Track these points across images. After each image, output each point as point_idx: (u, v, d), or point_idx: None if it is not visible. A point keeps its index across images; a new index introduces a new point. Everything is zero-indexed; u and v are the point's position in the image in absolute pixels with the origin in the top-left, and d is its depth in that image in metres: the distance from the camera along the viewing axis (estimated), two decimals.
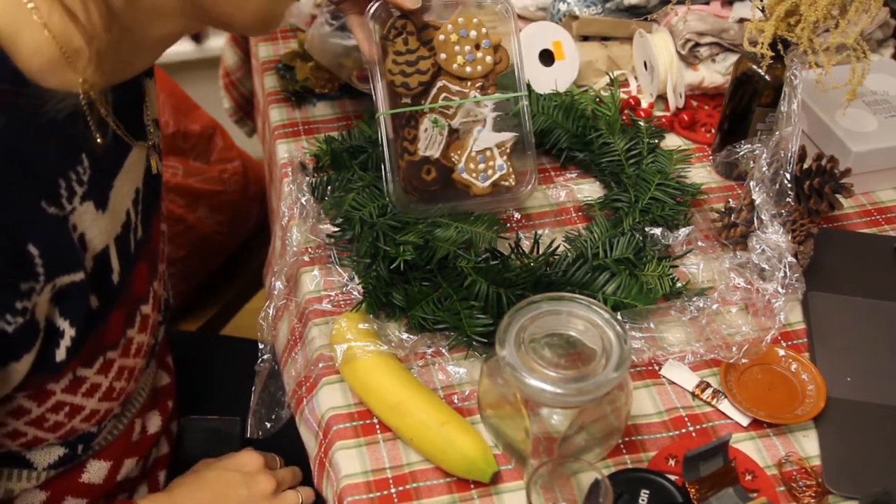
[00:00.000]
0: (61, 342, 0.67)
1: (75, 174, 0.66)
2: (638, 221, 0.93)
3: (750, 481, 0.76)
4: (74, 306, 0.67)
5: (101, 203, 0.69)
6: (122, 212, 0.73)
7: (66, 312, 0.66)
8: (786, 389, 0.83)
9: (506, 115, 0.91)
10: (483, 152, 0.91)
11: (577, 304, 0.74)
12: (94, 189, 0.68)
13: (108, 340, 0.73)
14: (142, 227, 0.78)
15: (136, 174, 0.76)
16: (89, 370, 0.72)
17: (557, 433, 0.73)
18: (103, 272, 0.71)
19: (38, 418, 0.71)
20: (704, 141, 1.12)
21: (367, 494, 0.75)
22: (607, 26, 1.21)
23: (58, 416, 0.72)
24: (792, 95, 0.91)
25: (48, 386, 0.70)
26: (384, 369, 0.80)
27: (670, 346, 0.86)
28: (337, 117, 1.15)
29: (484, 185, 0.91)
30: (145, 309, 0.80)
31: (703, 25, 1.14)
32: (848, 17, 0.86)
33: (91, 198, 0.67)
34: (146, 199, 0.79)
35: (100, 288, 0.70)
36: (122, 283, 0.74)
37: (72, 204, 0.65)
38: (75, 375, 0.71)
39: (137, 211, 0.76)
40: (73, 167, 0.66)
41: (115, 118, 0.71)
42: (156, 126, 0.84)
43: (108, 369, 0.74)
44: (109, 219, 0.70)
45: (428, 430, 0.76)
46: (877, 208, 1.04)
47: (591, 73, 1.19)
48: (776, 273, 0.88)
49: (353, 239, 0.92)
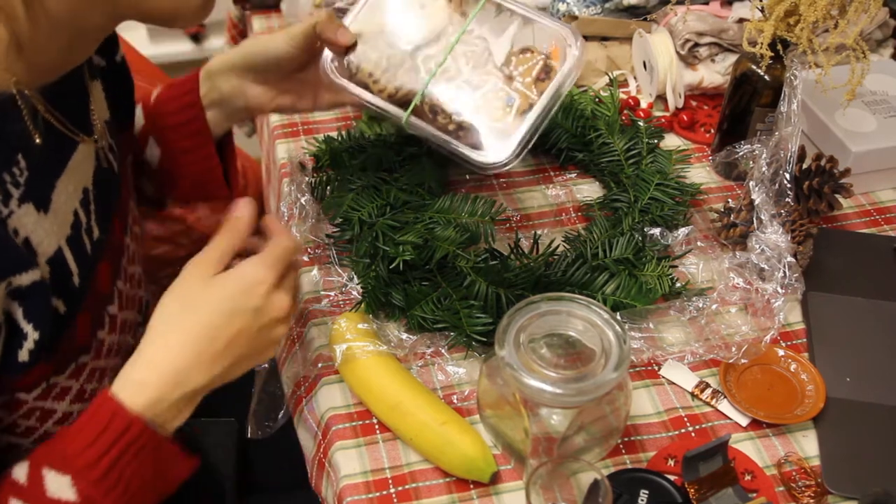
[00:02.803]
0: (24, 343, 0.65)
1: (10, 176, 0.63)
2: (637, 221, 0.93)
3: (749, 481, 0.76)
4: (37, 309, 0.65)
5: (41, 204, 0.66)
6: (69, 212, 0.70)
7: (28, 315, 0.65)
8: (785, 390, 0.83)
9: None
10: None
11: (576, 304, 0.74)
12: (33, 190, 0.65)
13: (77, 344, 0.72)
14: (98, 226, 0.75)
15: (84, 173, 0.74)
16: (61, 377, 0.71)
17: (557, 433, 0.73)
18: (62, 275, 0.69)
19: (10, 425, 0.70)
20: (704, 141, 1.12)
21: (366, 494, 0.75)
22: (607, 26, 1.21)
23: (29, 422, 0.71)
24: (791, 96, 0.91)
25: (19, 395, 0.68)
26: (383, 369, 0.80)
27: (669, 347, 0.86)
28: (336, 117, 1.15)
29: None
30: (112, 309, 0.78)
31: (702, 25, 1.14)
32: (847, 17, 0.86)
33: (29, 199, 0.65)
34: (99, 197, 0.76)
35: (62, 292, 0.68)
36: (83, 284, 0.72)
37: (8, 207, 0.63)
38: (48, 384, 0.70)
39: (89, 211, 0.74)
40: (8, 168, 0.63)
41: (57, 115, 0.69)
42: (110, 127, 0.82)
43: (80, 373, 0.73)
44: (54, 220, 0.68)
45: (427, 430, 0.76)
46: (876, 208, 1.04)
47: (590, 74, 1.19)
48: (775, 273, 0.88)
49: (352, 239, 0.92)
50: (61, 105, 0.71)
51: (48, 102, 0.69)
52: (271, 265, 0.70)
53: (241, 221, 0.72)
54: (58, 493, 0.63)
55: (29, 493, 0.64)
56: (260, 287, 0.69)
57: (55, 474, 0.64)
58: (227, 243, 0.71)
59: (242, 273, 0.69)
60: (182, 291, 0.69)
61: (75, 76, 0.73)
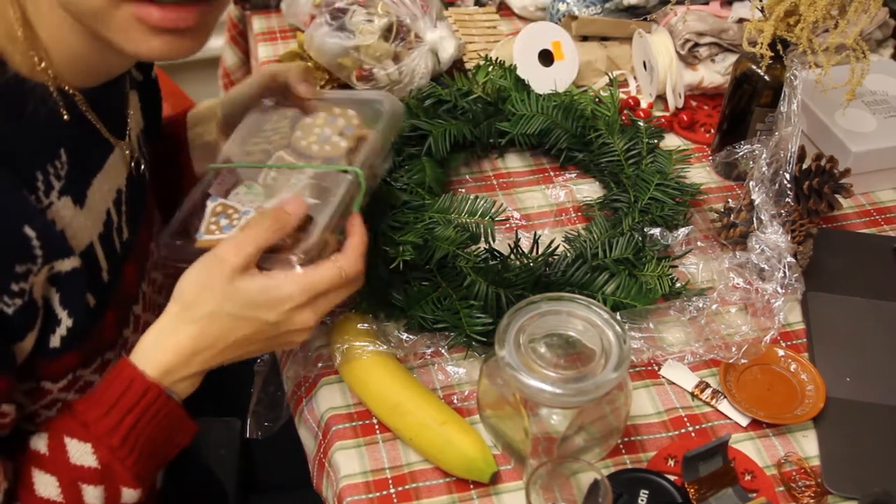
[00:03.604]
0: (57, 329, 0.67)
1: (53, 168, 0.66)
2: (637, 221, 0.93)
3: (749, 481, 0.76)
4: (73, 297, 0.67)
5: (78, 199, 0.69)
6: (103, 210, 0.73)
7: (64, 302, 0.67)
8: (785, 390, 0.83)
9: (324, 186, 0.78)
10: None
11: (576, 304, 0.74)
12: (72, 185, 0.68)
13: (105, 339, 0.74)
14: (127, 228, 0.77)
15: (118, 175, 0.76)
16: (87, 370, 0.73)
17: (557, 433, 0.73)
18: (94, 269, 0.71)
19: (30, 414, 0.71)
20: (704, 141, 1.12)
21: (366, 494, 0.75)
22: (607, 26, 1.21)
23: (50, 412, 0.72)
24: (791, 96, 0.91)
25: (45, 384, 0.70)
26: (383, 369, 0.80)
27: (669, 347, 0.86)
28: None
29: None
30: (137, 309, 0.80)
31: (702, 26, 1.14)
32: (847, 17, 0.86)
33: (68, 193, 0.67)
34: (130, 200, 0.78)
35: (92, 285, 0.70)
36: (111, 281, 0.74)
37: (49, 198, 0.65)
38: (74, 375, 0.72)
39: (120, 211, 0.76)
40: (51, 161, 0.66)
41: (97, 117, 0.72)
42: (145, 139, 0.85)
43: (104, 369, 0.75)
44: (88, 215, 0.70)
45: (427, 430, 0.76)
46: (876, 208, 1.04)
47: (590, 74, 1.19)
48: (775, 273, 0.88)
49: None
50: (102, 108, 0.73)
51: (90, 104, 0.71)
52: (307, 290, 0.69)
53: (289, 221, 0.70)
54: (80, 461, 0.66)
55: (52, 462, 0.67)
56: (285, 304, 0.69)
57: (77, 442, 0.67)
58: (265, 236, 0.69)
59: (274, 286, 0.68)
60: (208, 278, 0.68)
61: (117, 85, 0.76)
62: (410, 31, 1.09)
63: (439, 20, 1.11)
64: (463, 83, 1.08)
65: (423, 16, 1.09)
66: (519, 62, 1.12)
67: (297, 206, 0.71)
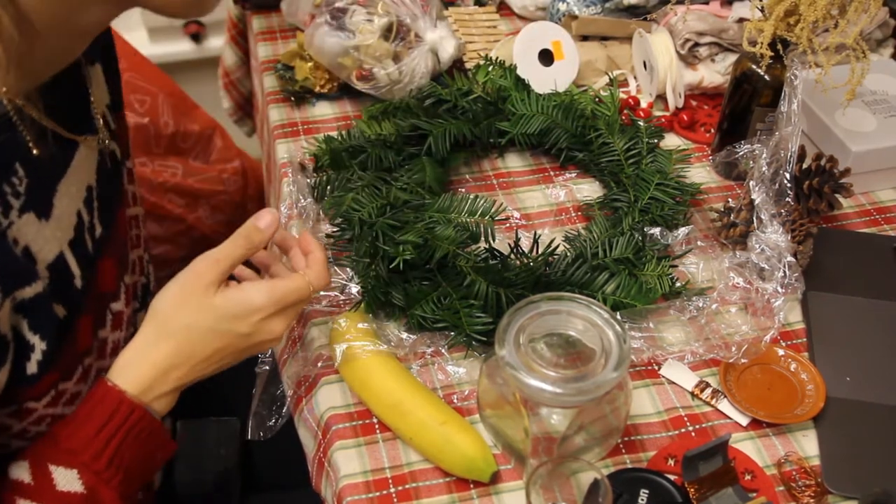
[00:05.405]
0: (32, 356, 0.66)
1: (10, 186, 0.63)
2: (637, 221, 0.93)
3: (749, 481, 0.76)
4: (41, 320, 0.66)
5: (43, 212, 0.66)
6: (72, 214, 0.71)
7: (34, 327, 0.65)
8: (785, 389, 0.83)
9: None
10: None
11: (576, 303, 0.74)
12: (34, 198, 0.65)
13: (81, 348, 0.72)
14: (101, 224, 0.75)
15: (87, 172, 0.74)
16: (69, 382, 0.71)
17: (557, 433, 0.73)
18: (63, 280, 0.69)
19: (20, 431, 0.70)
20: (704, 141, 1.12)
21: (366, 494, 0.75)
22: (607, 26, 1.21)
23: (40, 427, 0.71)
24: (791, 95, 0.91)
25: (28, 405, 0.69)
26: (383, 369, 0.80)
27: (669, 346, 0.86)
28: (336, 117, 1.15)
29: None
30: (116, 306, 0.78)
31: (702, 25, 1.14)
32: (847, 17, 0.86)
33: (30, 208, 0.65)
34: (103, 194, 0.76)
35: (63, 297, 0.68)
36: (85, 286, 0.72)
37: (8, 218, 0.62)
38: (57, 391, 0.70)
39: (92, 209, 0.74)
40: (7, 179, 0.63)
41: (54, 118, 0.67)
42: (111, 114, 0.81)
43: (87, 376, 0.73)
44: (56, 225, 0.68)
45: (427, 430, 0.76)
46: (876, 208, 1.04)
47: (590, 73, 1.19)
48: (775, 273, 0.88)
49: (352, 239, 0.92)
50: (59, 104, 0.70)
51: (45, 104, 0.67)
52: (276, 301, 0.72)
53: (261, 235, 0.73)
54: (67, 487, 0.66)
55: (37, 491, 0.66)
56: (256, 315, 0.71)
57: (63, 469, 0.66)
58: (239, 253, 0.72)
59: (245, 298, 0.71)
60: (185, 293, 0.71)
61: (71, 70, 0.72)
62: (410, 30, 1.09)
63: (439, 20, 1.11)
64: (463, 83, 1.08)
65: (423, 15, 1.09)
66: (519, 62, 1.12)
67: (268, 222, 0.73)
